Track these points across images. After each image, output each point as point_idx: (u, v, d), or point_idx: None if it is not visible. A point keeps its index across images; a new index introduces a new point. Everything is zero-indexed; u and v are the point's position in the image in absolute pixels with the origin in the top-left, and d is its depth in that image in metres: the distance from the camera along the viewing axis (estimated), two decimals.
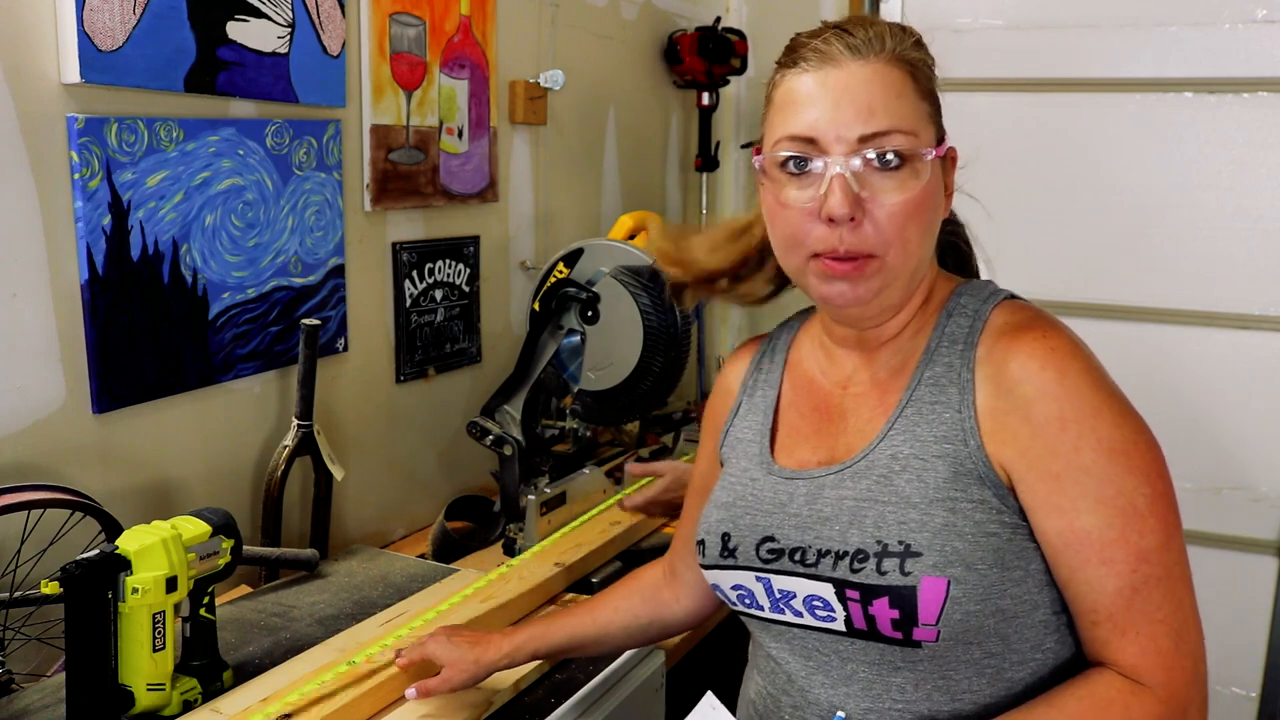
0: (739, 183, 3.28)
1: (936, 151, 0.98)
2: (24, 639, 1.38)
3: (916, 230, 0.96)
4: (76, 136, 1.41)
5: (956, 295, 1.03)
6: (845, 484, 0.99)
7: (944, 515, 0.92)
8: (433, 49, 2.03)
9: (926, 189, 0.96)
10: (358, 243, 1.92)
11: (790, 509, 1.02)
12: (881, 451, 0.98)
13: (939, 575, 0.91)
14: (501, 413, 2.03)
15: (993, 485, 0.93)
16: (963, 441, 0.94)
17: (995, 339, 0.96)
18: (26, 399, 1.41)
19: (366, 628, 1.48)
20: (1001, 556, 0.92)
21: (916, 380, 0.99)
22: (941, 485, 0.94)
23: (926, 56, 1.00)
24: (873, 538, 0.94)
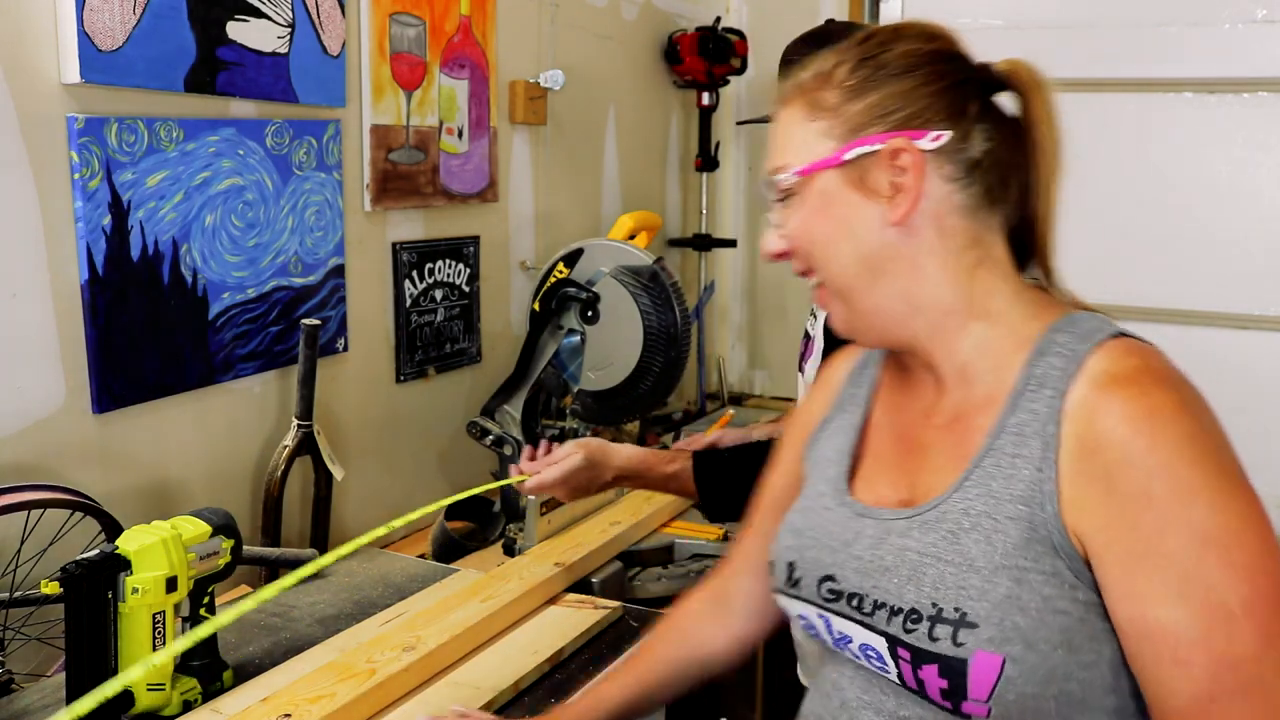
0: (739, 183, 3.28)
1: (801, 171, 0.92)
2: (24, 639, 1.38)
3: (827, 250, 0.92)
4: (76, 136, 1.41)
5: (1054, 330, 0.88)
6: (913, 533, 0.89)
7: (1008, 585, 0.82)
8: (433, 49, 2.03)
9: (813, 210, 0.92)
10: (358, 243, 1.92)
11: (854, 549, 0.93)
12: (954, 504, 0.87)
13: (994, 651, 0.81)
14: (501, 413, 2.03)
15: (1067, 557, 0.82)
16: (1040, 505, 0.83)
17: (1089, 389, 0.83)
18: (26, 399, 1.41)
19: (366, 628, 1.48)
20: (1070, 637, 0.82)
21: (1000, 427, 0.87)
22: (1010, 551, 0.83)
23: (839, 68, 0.92)
24: (929, 599, 0.85)
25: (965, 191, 0.90)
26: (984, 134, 0.90)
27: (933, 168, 0.89)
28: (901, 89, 0.90)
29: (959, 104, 0.90)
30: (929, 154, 0.89)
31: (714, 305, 3.28)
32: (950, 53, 0.93)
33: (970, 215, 0.91)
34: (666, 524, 1.99)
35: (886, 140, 0.89)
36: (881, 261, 0.91)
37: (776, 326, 3.29)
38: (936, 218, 0.90)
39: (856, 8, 3.01)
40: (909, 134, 0.89)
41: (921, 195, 0.89)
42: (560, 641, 1.46)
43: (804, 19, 3.11)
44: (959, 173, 0.90)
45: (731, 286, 3.34)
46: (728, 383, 3.25)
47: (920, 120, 0.89)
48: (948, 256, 0.91)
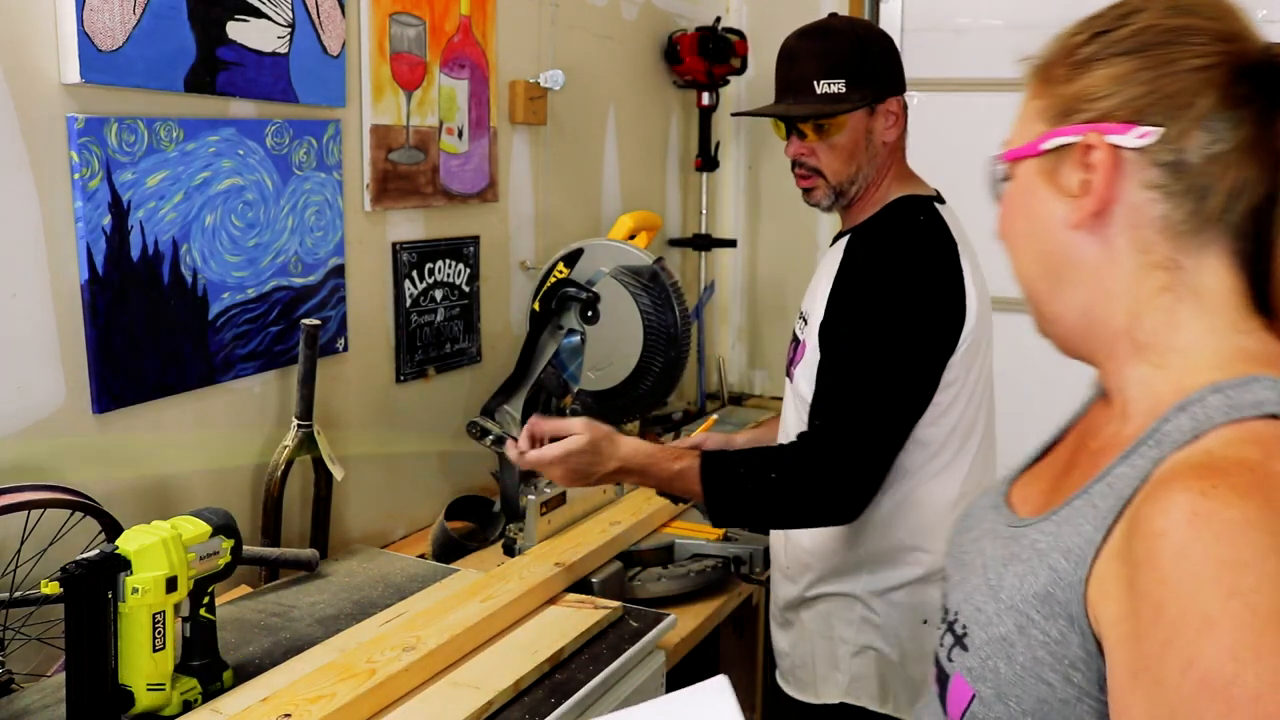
0: (739, 183, 3.28)
1: (1004, 155, 0.86)
2: (24, 639, 1.38)
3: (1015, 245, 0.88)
4: (76, 136, 1.41)
5: (1216, 389, 0.74)
6: (996, 542, 0.85)
7: (1009, 628, 0.77)
8: (433, 49, 2.03)
9: (1010, 199, 0.88)
10: (358, 243, 1.92)
11: (967, 536, 0.91)
12: (1033, 531, 0.80)
13: (969, 682, 0.79)
14: (501, 413, 2.03)
15: (1080, 634, 0.73)
16: (1076, 565, 0.73)
17: (1176, 464, 0.71)
18: (26, 399, 1.41)
19: (366, 628, 1.48)
20: (1045, 711, 0.75)
21: (1106, 472, 0.76)
22: (1029, 596, 0.76)
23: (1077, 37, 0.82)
24: (957, 606, 0.83)
25: (1168, 203, 0.76)
26: (1211, 136, 0.75)
27: (1133, 170, 0.76)
28: (1118, 72, 0.77)
29: (1184, 96, 0.75)
30: (1130, 154, 0.76)
31: (714, 305, 3.28)
32: (1198, 30, 0.76)
33: (1170, 232, 0.77)
34: (666, 524, 1.99)
35: (1083, 132, 0.77)
36: (1061, 267, 0.82)
37: (776, 326, 3.29)
38: (1132, 229, 0.78)
39: (856, 8, 3.01)
40: (1110, 127, 0.76)
41: (1113, 200, 0.77)
42: (560, 641, 1.46)
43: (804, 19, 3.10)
44: (1163, 179, 0.76)
45: (731, 286, 3.34)
46: (728, 383, 3.25)
47: (1127, 112, 0.76)
48: (1134, 274, 0.78)
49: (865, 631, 1.63)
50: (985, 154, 0.91)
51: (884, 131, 1.62)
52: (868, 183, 1.64)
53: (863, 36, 1.65)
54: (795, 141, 1.65)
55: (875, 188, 1.65)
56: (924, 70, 2.96)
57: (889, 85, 1.63)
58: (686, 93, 3.04)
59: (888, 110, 1.62)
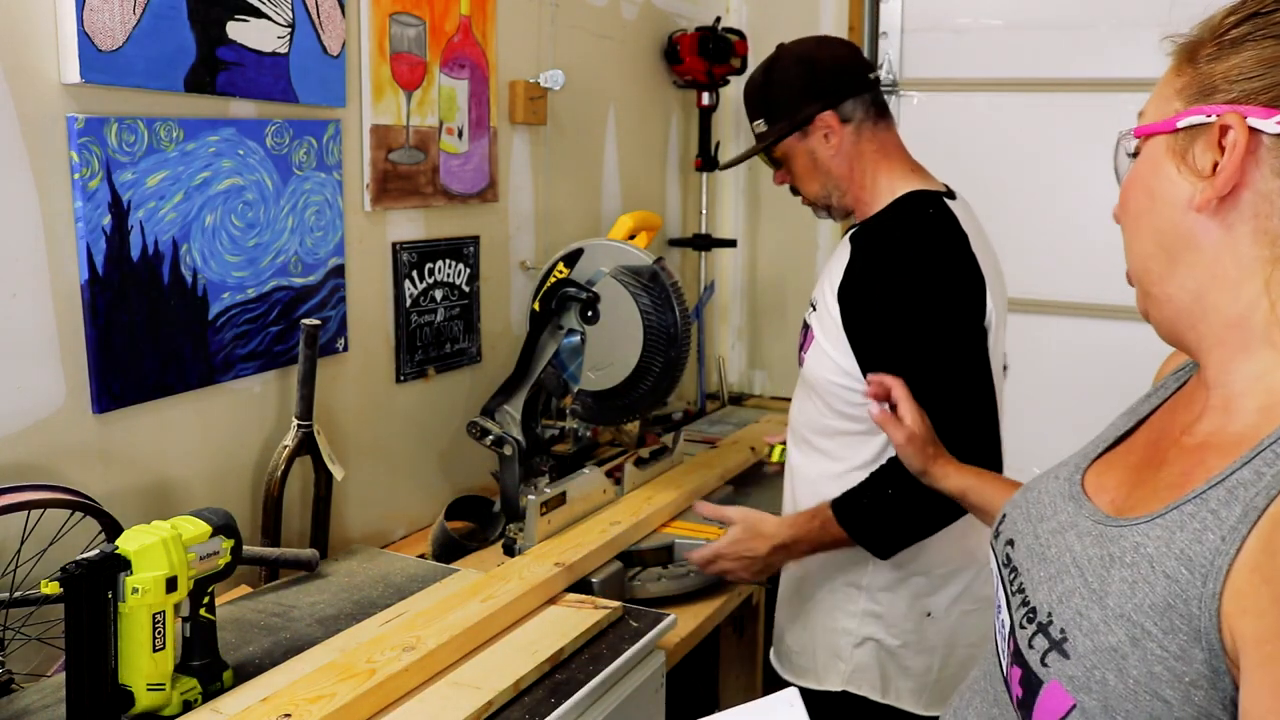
0: (739, 183, 3.28)
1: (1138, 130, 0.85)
2: (24, 639, 1.38)
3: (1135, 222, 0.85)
4: (76, 136, 1.41)
5: None
6: (1085, 539, 0.82)
7: (1121, 638, 0.73)
8: (433, 49, 2.03)
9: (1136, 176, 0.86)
10: (358, 243, 1.92)
11: (1040, 529, 0.88)
12: (1136, 533, 0.77)
13: (1070, 691, 0.75)
14: (501, 413, 2.03)
15: (1209, 650, 0.69)
16: (1203, 578, 0.70)
17: None
18: (26, 399, 1.41)
19: (366, 628, 1.48)
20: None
21: (1225, 475, 0.73)
22: (1144, 608, 0.72)
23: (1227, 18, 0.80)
24: (1049, 606, 0.80)
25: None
26: None
27: (1269, 156, 0.74)
28: (1270, 55, 0.75)
29: None
30: (1268, 139, 0.74)
31: (714, 305, 3.28)
32: None
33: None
34: (666, 524, 1.99)
35: (1221, 112, 0.75)
36: (1179, 248, 0.79)
37: (776, 326, 3.29)
38: (1258, 216, 0.76)
39: (856, 8, 3.02)
40: (1252, 109, 0.74)
41: (1243, 185, 0.75)
42: (560, 641, 1.46)
43: (804, 19, 3.12)
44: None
45: (731, 286, 3.34)
46: (727, 383, 3.25)
47: (1272, 96, 0.74)
48: (1257, 263, 0.76)
49: (868, 623, 1.65)
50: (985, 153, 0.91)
51: (826, 145, 1.68)
52: (845, 190, 1.70)
53: (770, 71, 1.73)
54: (775, 174, 1.81)
55: (864, 189, 1.69)
56: (924, 70, 2.97)
57: (807, 105, 1.67)
58: (686, 93, 3.04)
59: (820, 127, 1.67)
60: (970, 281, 1.58)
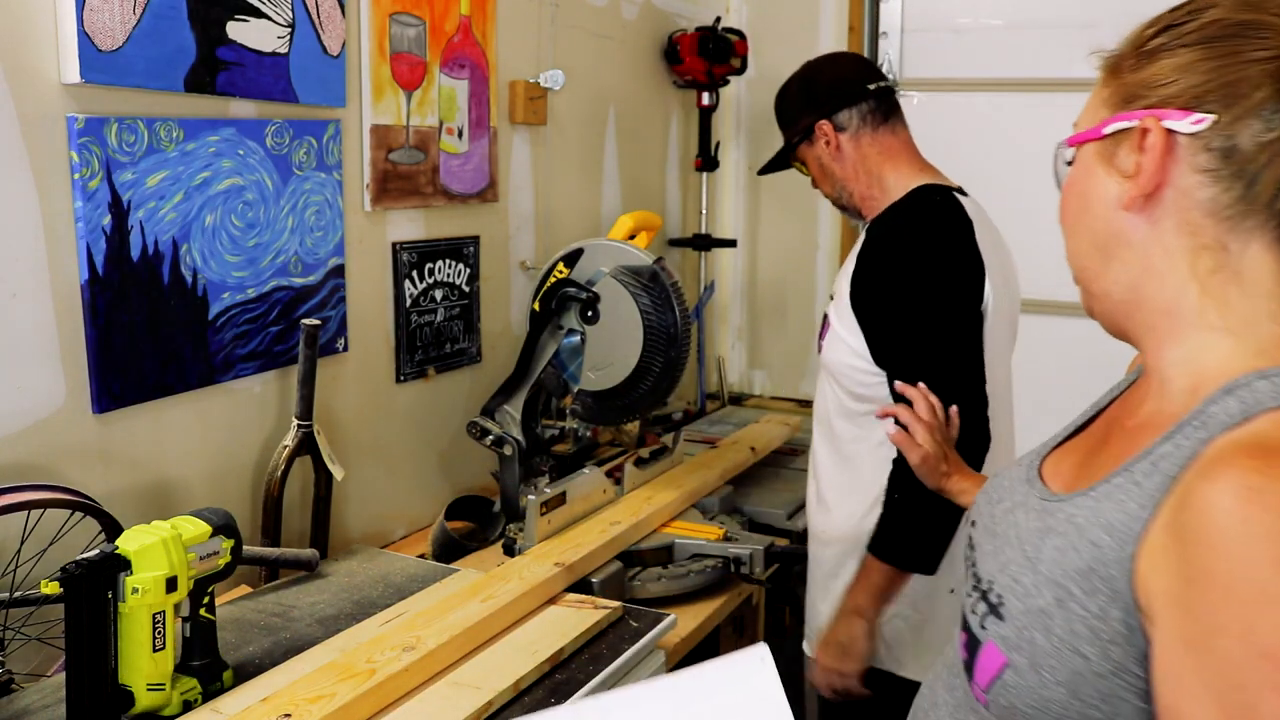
0: (739, 183, 3.28)
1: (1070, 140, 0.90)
2: (24, 639, 1.38)
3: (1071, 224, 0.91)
4: (76, 136, 1.41)
5: (1262, 374, 0.77)
6: (1030, 514, 0.88)
7: (1048, 600, 0.79)
8: (433, 49, 2.03)
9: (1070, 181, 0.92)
10: (358, 243, 1.92)
11: (996, 509, 0.94)
12: (1070, 506, 0.83)
13: (1003, 651, 0.81)
14: (501, 413, 2.03)
15: (1124, 609, 0.75)
16: (1121, 542, 0.76)
17: (1226, 445, 0.73)
18: (26, 399, 1.41)
19: (366, 628, 1.48)
20: (1078, 683, 0.77)
21: (1148, 451, 0.79)
22: (1070, 571, 0.79)
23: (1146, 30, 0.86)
24: (990, 575, 0.86)
25: (1217, 187, 0.79)
26: (1265, 125, 0.77)
27: (1186, 154, 0.80)
28: (1182, 62, 0.81)
29: (1243, 86, 0.78)
30: (1183, 138, 0.79)
31: (714, 305, 3.28)
32: (1263, 25, 0.80)
33: (1217, 216, 0.80)
34: (666, 524, 1.99)
35: (1141, 117, 0.81)
36: (1111, 245, 0.85)
37: (776, 326, 3.29)
38: (1180, 210, 0.81)
39: (856, 8, 3.02)
40: (1168, 113, 0.80)
41: (1164, 183, 0.81)
42: (560, 641, 1.46)
43: (804, 19, 3.11)
44: (1214, 164, 0.79)
45: (731, 286, 3.34)
46: (727, 383, 3.25)
47: (1186, 100, 0.79)
48: (1180, 255, 0.81)
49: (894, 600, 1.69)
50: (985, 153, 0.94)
51: (827, 150, 1.84)
52: (851, 191, 1.84)
53: (786, 87, 1.93)
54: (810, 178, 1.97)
55: (870, 189, 1.82)
56: (924, 70, 2.97)
57: (805, 116, 1.85)
58: (686, 93, 3.04)
59: (820, 135, 1.84)
60: (968, 265, 1.65)
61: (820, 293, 3.20)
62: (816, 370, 1.87)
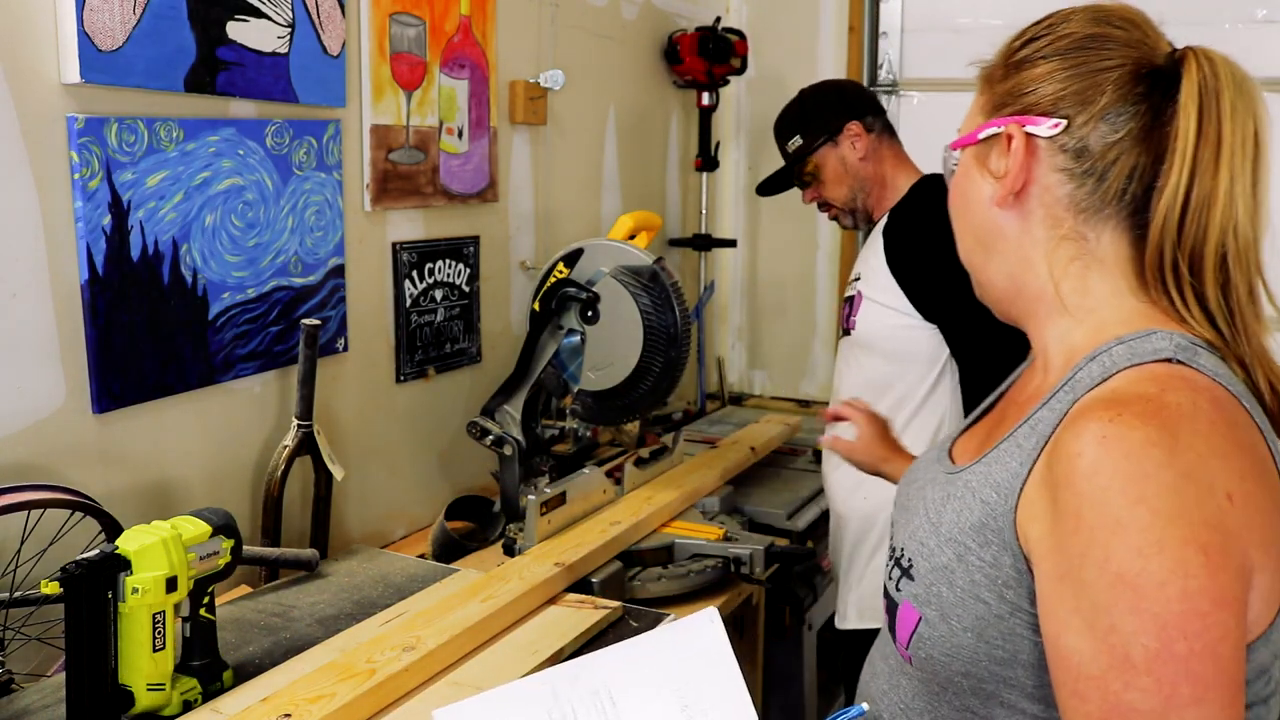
0: (739, 183, 3.28)
1: (952, 143, 1.00)
2: (24, 639, 1.38)
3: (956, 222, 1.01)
4: (76, 136, 1.41)
5: (1120, 341, 0.86)
6: (936, 488, 0.96)
7: (949, 557, 0.89)
8: (433, 49, 2.03)
9: (953, 183, 1.00)
10: (358, 243, 1.92)
11: (911, 487, 1.04)
12: (966, 474, 0.92)
13: (916, 607, 0.91)
14: (501, 413, 2.03)
15: (1012, 555, 0.84)
16: (1005, 496, 0.85)
17: (1088, 402, 0.82)
18: (26, 399, 1.41)
19: (366, 628, 1.48)
20: (983, 627, 0.86)
21: (1028, 417, 0.89)
22: (965, 528, 0.88)
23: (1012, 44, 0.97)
24: (902, 543, 0.96)
25: (1074, 182, 0.89)
26: (1110, 127, 0.87)
27: (1046, 155, 0.90)
28: (1040, 72, 0.91)
29: (1090, 93, 0.88)
30: (1043, 141, 0.90)
31: (714, 305, 3.28)
32: (1109, 38, 0.89)
33: (1075, 209, 0.90)
34: (666, 524, 1.99)
35: (1006, 123, 0.91)
36: (990, 239, 0.95)
37: (776, 326, 3.29)
38: (1045, 205, 0.91)
39: (856, 8, 3.02)
40: (1029, 119, 0.90)
41: (1029, 181, 0.91)
42: (560, 641, 1.46)
43: (804, 19, 3.11)
44: (1069, 163, 0.89)
45: (731, 286, 3.34)
46: (727, 383, 3.25)
47: (1044, 106, 0.90)
48: (1046, 245, 0.92)
49: None
50: None
51: (855, 151, 2.02)
52: (869, 191, 2.02)
53: (804, 96, 2.12)
54: (805, 193, 2.14)
55: (884, 189, 2.01)
56: (924, 70, 2.97)
57: (837, 118, 2.03)
58: (686, 93, 3.04)
59: (848, 135, 2.02)
60: None
61: (821, 293, 3.20)
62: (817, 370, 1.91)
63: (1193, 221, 0.85)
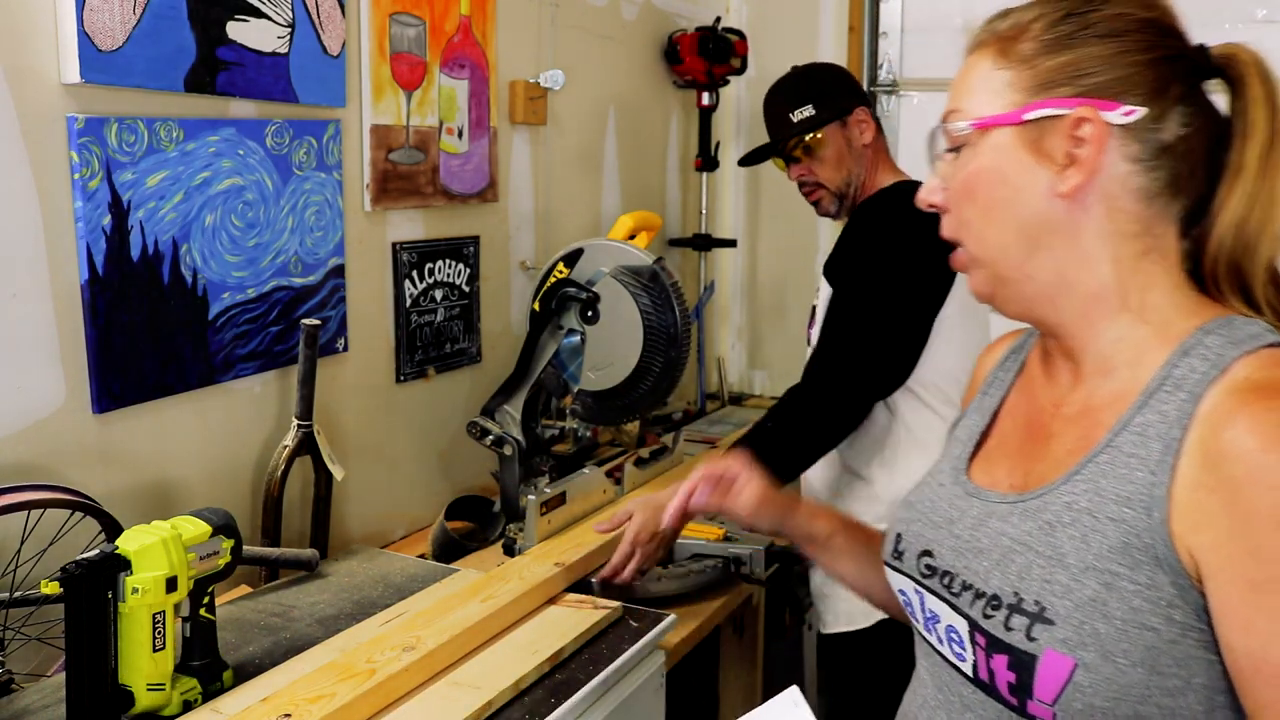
0: (739, 183, 3.28)
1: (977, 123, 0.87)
2: (24, 639, 1.38)
3: (988, 211, 0.87)
4: (76, 136, 1.41)
5: (1204, 331, 0.82)
6: (1012, 519, 0.87)
7: (1095, 588, 0.78)
8: (433, 49, 2.03)
9: (981, 166, 0.87)
10: (358, 243, 1.92)
11: (955, 529, 0.92)
12: (1059, 495, 0.84)
13: (1066, 653, 0.78)
14: (501, 413, 2.03)
15: (1171, 571, 0.76)
16: (1146, 510, 0.77)
17: (1224, 396, 0.76)
18: (26, 399, 1.41)
19: (366, 628, 1.48)
20: (1154, 657, 0.77)
21: (1125, 422, 0.82)
22: (1105, 553, 0.79)
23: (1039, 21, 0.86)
24: (1012, 587, 0.83)
25: (1147, 175, 0.83)
26: (1182, 118, 0.83)
27: (1117, 144, 0.83)
28: (1103, 53, 0.83)
29: (1163, 81, 0.83)
30: (1115, 129, 0.83)
31: (714, 305, 3.28)
32: (1166, 25, 0.85)
33: (1147, 201, 0.84)
34: None
35: (1073, 106, 0.83)
36: (1040, 232, 0.86)
37: (776, 326, 3.29)
38: (1110, 197, 0.84)
39: (856, 8, 3.02)
40: (1099, 103, 0.82)
41: (1098, 171, 0.83)
42: (560, 641, 1.46)
43: (804, 19, 3.11)
44: (1145, 154, 0.83)
45: (731, 286, 3.34)
46: (727, 383, 3.25)
47: (1115, 91, 0.82)
48: (1112, 239, 0.85)
49: None
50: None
51: (860, 136, 1.95)
52: (861, 182, 1.96)
53: (817, 70, 2.07)
54: (793, 168, 2.02)
55: (872, 180, 1.96)
56: (924, 70, 2.97)
57: (851, 99, 1.97)
58: (686, 93, 3.04)
59: (857, 119, 1.95)
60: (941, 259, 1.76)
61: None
62: None
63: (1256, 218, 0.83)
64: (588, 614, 1.55)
